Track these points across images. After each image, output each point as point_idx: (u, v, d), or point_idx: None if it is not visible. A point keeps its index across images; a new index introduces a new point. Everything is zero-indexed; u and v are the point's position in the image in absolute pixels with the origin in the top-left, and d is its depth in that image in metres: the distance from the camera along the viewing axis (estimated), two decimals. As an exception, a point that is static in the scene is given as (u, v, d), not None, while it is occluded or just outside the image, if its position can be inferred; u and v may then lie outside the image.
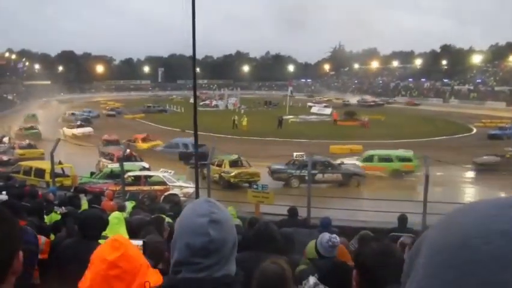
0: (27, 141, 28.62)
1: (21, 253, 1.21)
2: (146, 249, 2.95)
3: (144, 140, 29.99)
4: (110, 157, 22.06)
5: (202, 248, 1.32)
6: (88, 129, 38.75)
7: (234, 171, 19.71)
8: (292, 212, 8.14)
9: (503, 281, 0.44)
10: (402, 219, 8.72)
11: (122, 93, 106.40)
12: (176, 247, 1.37)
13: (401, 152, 22.30)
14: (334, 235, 4.17)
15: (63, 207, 5.01)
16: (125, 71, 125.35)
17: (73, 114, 50.40)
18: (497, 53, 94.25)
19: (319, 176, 18.48)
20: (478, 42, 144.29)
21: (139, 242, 2.97)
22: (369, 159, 21.62)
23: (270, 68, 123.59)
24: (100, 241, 3.89)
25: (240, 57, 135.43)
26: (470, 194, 18.93)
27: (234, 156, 20.50)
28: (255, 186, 12.61)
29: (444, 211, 0.58)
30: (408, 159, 21.16)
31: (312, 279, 2.57)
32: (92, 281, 1.81)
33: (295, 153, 20.35)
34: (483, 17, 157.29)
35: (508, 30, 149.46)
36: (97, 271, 1.80)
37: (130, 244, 1.88)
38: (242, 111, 53.73)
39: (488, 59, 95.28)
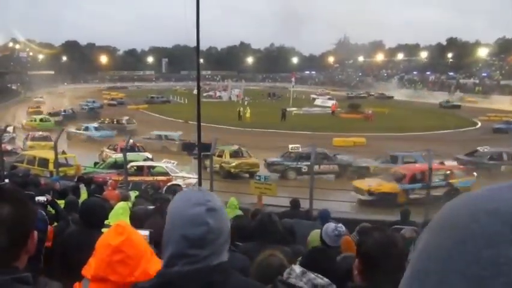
0: (40, 133, 28.16)
1: (35, 233, 1.25)
2: (152, 240, 2.91)
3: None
4: (113, 147, 22.12)
5: (201, 238, 1.29)
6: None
7: (234, 162, 19.82)
8: (295, 203, 8.16)
9: (490, 257, 0.46)
10: (405, 212, 8.74)
11: (126, 84, 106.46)
12: (170, 239, 1.32)
13: None
14: (340, 224, 4.19)
15: (46, 196, 5.01)
16: (129, 62, 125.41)
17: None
18: (503, 47, 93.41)
19: (315, 168, 18.54)
20: (484, 36, 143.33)
21: (146, 232, 2.96)
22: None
23: (274, 59, 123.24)
24: (103, 230, 3.91)
25: (244, 48, 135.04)
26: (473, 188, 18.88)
27: (235, 147, 20.59)
28: (257, 178, 12.60)
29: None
30: None
31: (297, 268, 2.53)
32: (96, 267, 1.82)
33: (290, 146, 20.35)
34: (490, 10, 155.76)
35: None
36: (102, 257, 1.81)
37: (133, 230, 1.89)
38: (246, 102, 53.63)
39: (495, 53, 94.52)
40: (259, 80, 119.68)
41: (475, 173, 16.96)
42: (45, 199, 4.80)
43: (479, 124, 41.88)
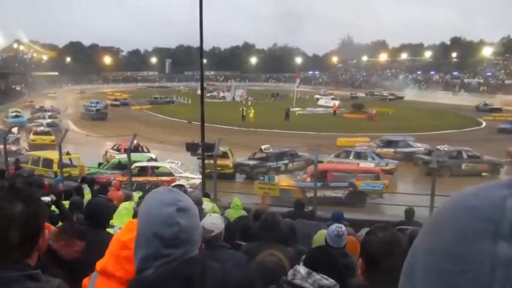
0: (41, 128, 29.90)
1: (46, 231, 1.27)
2: None
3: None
4: (117, 147, 22.16)
5: (173, 238, 1.28)
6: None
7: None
8: (299, 204, 8.17)
9: (462, 253, 0.48)
10: (409, 212, 8.71)
11: (130, 84, 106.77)
12: (142, 240, 1.33)
13: None
14: (340, 225, 4.19)
15: (51, 196, 5.04)
16: (133, 62, 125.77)
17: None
18: (508, 46, 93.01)
19: (289, 166, 19.75)
20: (488, 35, 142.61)
21: None
22: None
23: (278, 59, 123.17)
24: (108, 230, 3.92)
25: (248, 48, 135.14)
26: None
27: (225, 148, 20.39)
28: (261, 178, 12.61)
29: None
30: None
31: (302, 269, 2.52)
32: (107, 260, 1.84)
33: (263, 146, 20.42)
34: (494, 10, 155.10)
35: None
36: (112, 251, 1.83)
37: None
38: (249, 103, 53.63)
39: (499, 52, 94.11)
40: (262, 80, 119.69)
41: (395, 174, 17.69)
42: (50, 199, 4.83)
43: (484, 124, 41.72)
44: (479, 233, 0.48)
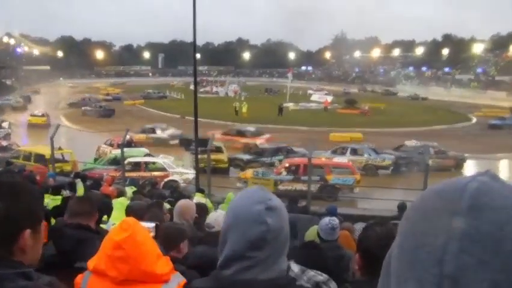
0: (37, 111, 33.53)
1: (28, 232, 1.19)
2: (158, 233, 2.85)
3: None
4: (110, 143, 22.03)
5: (260, 238, 1.21)
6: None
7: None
8: (293, 199, 8.19)
9: (423, 229, 0.53)
10: (402, 207, 8.77)
11: (122, 79, 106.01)
12: (228, 239, 1.26)
13: None
14: (333, 217, 4.20)
15: (67, 191, 5.00)
16: (125, 57, 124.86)
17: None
18: (498, 43, 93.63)
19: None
20: (479, 32, 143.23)
21: (151, 225, 2.91)
22: None
23: (272, 55, 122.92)
24: (102, 226, 3.89)
25: (241, 44, 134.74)
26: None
27: (218, 144, 20.38)
28: (255, 173, 12.63)
29: None
30: None
31: (295, 267, 2.48)
32: (98, 259, 1.82)
33: (258, 141, 20.47)
34: (484, 7, 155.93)
35: (510, 20, 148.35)
36: (104, 251, 1.80)
37: (140, 228, 1.85)
38: (242, 98, 53.57)
39: (490, 49, 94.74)
40: (256, 75, 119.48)
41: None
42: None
43: (475, 120, 42.05)
44: (439, 211, 0.53)
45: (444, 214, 0.52)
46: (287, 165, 16.58)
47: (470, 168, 20.71)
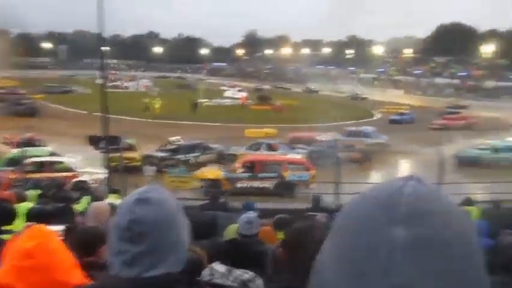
0: None
1: None
2: (69, 238, 2.67)
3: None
4: (7, 141, 20.16)
5: (127, 228, 1.15)
6: None
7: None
8: (213, 195, 8.15)
9: (364, 240, 0.52)
10: (316, 199, 9.16)
11: (19, 72, 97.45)
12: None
13: None
14: (251, 211, 4.22)
15: None
16: (22, 47, 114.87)
17: None
18: (396, 45, 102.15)
19: (200, 158, 19.40)
20: (379, 34, 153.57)
21: (59, 228, 2.70)
22: None
23: (184, 50, 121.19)
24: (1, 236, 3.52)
25: (152, 37, 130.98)
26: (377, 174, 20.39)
27: (132, 140, 19.77)
28: (172, 171, 12.35)
29: (356, 191, 0.66)
30: None
31: (220, 267, 2.46)
32: (5, 273, 1.62)
33: (171, 138, 20.32)
34: (383, 10, 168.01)
35: (405, 23, 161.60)
36: (10, 261, 1.62)
37: (51, 235, 1.70)
38: (155, 93, 52.26)
39: (389, 50, 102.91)
40: (168, 70, 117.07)
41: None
42: None
43: (379, 115, 45.35)
44: (378, 220, 0.52)
45: (383, 223, 0.51)
46: (241, 163, 16.50)
47: (376, 161, 22.19)
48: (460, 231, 0.52)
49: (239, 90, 62.59)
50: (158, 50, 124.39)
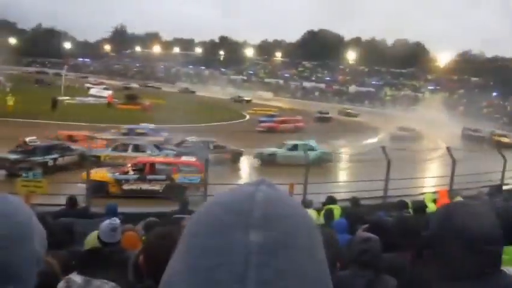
0: None
1: None
2: None
3: None
4: None
5: None
6: None
7: None
8: (72, 201, 7.60)
9: (216, 246, 0.51)
10: (184, 202, 9.15)
11: None
12: None
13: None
14: (114, 218, 4.08)
15: None
16: None
17: None
18: (266, 48, 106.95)
19: (60, 160, 18.08)
20: (250, 36, 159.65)
21: None
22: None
23: (43, 42, 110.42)
24: None
25: (6, 26, 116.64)
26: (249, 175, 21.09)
27: None
28: (24, 174, 11.18)
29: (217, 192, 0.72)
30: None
31: (78, 278, 2.35)
32: None
33: (27, 138, 18.85)
34: (254, 12, 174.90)
35: (273, 27, 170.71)
36: None
37: None
38: (7, 89, 47.09)
39: (259, 53, 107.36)
40: (24, 64, 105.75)
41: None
42: None
43: (248, 117, 47.07)
44: (231, 226, 0.52)
45: (237, 228, 0.51)
46: (132, 165, 15.96)
47: (244, 161, 22.94)
48: (307, 233, 0.55)
49: (105, 88, 59.53)
50: (12, 41, 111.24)
